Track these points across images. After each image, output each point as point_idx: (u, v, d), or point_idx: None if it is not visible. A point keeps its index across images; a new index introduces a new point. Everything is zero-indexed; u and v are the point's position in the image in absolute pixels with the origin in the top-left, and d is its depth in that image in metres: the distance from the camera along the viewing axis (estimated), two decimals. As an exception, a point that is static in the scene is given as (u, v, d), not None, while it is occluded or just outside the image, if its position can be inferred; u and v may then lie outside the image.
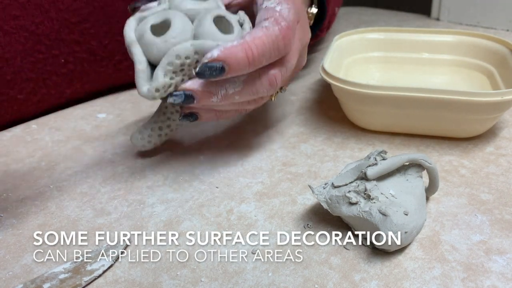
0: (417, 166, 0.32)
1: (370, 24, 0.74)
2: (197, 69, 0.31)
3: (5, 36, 0.44)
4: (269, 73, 0.34)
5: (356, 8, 0.84)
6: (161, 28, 0.33)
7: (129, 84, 0.54)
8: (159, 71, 0.32)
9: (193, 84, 0.33)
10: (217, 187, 0.37)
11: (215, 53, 0.31)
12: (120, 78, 0.54)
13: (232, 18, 0.35)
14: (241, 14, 0.36)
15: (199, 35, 0.33)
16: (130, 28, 0.34)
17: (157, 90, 0.32)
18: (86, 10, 0.48)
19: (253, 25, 0.36)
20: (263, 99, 0.37)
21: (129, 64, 0.52)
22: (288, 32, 0.33)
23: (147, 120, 0.40)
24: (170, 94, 0.33)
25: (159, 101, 0.40)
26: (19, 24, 0.44)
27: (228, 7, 0.38)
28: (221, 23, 0.34)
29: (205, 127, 0.46)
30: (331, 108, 0.48)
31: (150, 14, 0.34)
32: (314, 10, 0.48)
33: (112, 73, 0.52)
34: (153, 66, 0.33)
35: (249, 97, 0.35)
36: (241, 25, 0.35)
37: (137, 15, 0.35)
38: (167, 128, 0.40)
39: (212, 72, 0.31)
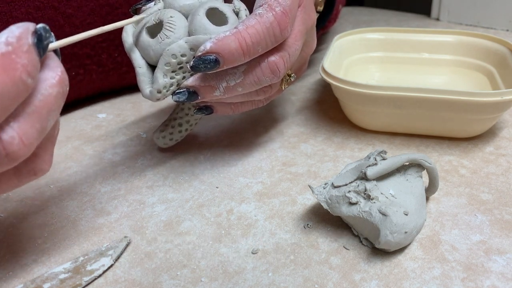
0: (417, 166, 0.32)
1: (370, 24, 0.74)
2: (191, 63, 0.31)
3: None
4: (269, 60, 0.33)
5: (356, 8, 0.84)
6: (158, 29, 0.33)
7: (130, 86, 0.54)
8: (158, 73, 0.32)
9: (194, 81, 0.33)
10: (217, 187, 0.37)
11: (207, 46, 0.30)
12: (123, 83, 0.54)
13: (226, 8, 0.34)
14: (236, 2, 0.35)
15: (193, 31, 0.33)
16: (128, 33, 0.34)
17: (159, 91, 0.33)
18: (100, 24, 0.47)
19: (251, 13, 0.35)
20: (273, 88, 0.36)
21: (134, 74, 0.52)
22: (284, 17, 0.32)
23: (167, 118, 0.41)
24: (174, 93, 0.33)
25: (159, 102, 0.40)
26: None
27: None
28: (215, 15, 0.34)
29: (205, 127, 0.46)
30: (331, 108, 0.48)
31: (146, 16, 0.34)
32: None
33: (116, 81, 0.53)
34: (153, 67, 0.34)
35: (252, 87, 0.34)
36: (237, 14, 0.35)
37: (134, 18, 0.35)
38: (187, 123, 0.41)
39: (207, 65, 0.31)
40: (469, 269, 0.28)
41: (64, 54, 0.46)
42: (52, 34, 0.25)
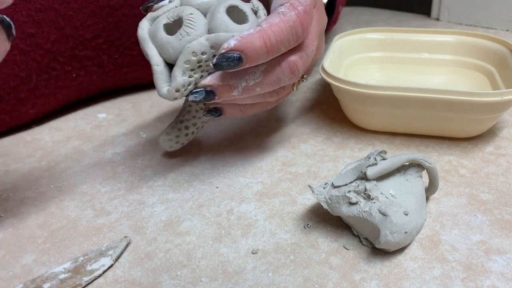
0: (417, 166, 0.32)
1: (370, 24, 0.74)
2: (214, 60, 0.30)
3: (21, 55, 0.43)
4: (289, 60, 0.33)
5: (356, 8, 0.84)
6: (174, 26, 0.32)
7: (130, 87, 0.54)
8: (176, 71, 0.31)
9: (212, 79, 0.32)
10: (217, 187, 0.37)
11: (231, 43, 0.30)
12: (124, 84, 0.54)
13: (246, 7, 0.34)
14: (254, 1, 0.35)
15: (213, 29, 0.32)
16: (144, 30, 0.33)
17: (177, 90, 0.32)
18: (101, 25, 0.48)
19: (268, 12, 0.35)
20: (285, 89, 0.36)
21: (135, 74, 0.52)
22: (305, 16, 0.32)
23: (172, 120, 0.40)
24: (191, 92, 0.32)
25: (159, 102, 0.40)
26: (34, 41, 0.44)
27: None
28: (234, 14, 0.33)
29: (205, 127, 0.46)
30: (331, 108, 0.48)
31: (162, 13, 0.33)
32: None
33: (117, 82, 0.53)
34: (170, 65, 0.33)
35: (271, 87, 0.34)
36: (255, 12, 0.35)
37: (150, 15, 0.34)
38: (193, 126, 0.40)
39: (230, 63, 0.30)
40: (469, 269, 0.28)
41: (65, 56, 0.46)
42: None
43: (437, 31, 0.50)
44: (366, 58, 0.51)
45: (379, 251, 0.30)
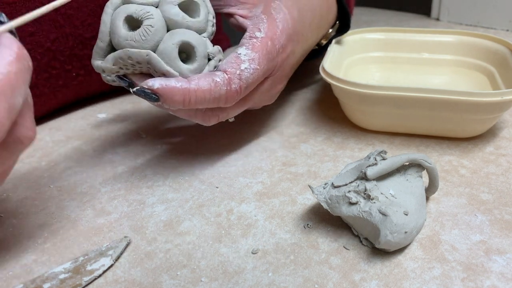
0: (417, 166, 0.32)
1: (370, 24, 0.74)
2: (135, 89, 0.32)
3: None
4: (206, 113, 0.35)
5: (356, 8, 0.84)
6: (134, 22, 0.33)
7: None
8: (110, 58, 0.33)
9: (140, 81, 0.33)
10: (217, 187, 0.37)
11: (155, 84, 0.31)
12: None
13: (200, 50, 0.34)
14: (216, 49, 0.35)
15: (160, 50, 0.32)
16: (109, 8, 0.33)
17: (103, 71, 0.34)
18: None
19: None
20: (219, 116, 0.37)
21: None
22: (235, 95, 0.34)
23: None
24: (117, 76, 0.34)
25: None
26: (34, 40, 0.44)
27: (230, 15, 0.38)
28: (190, 47, 0.34)
29: (205, 127, 0.46)
30: (331, 108, 0.48)
31: (136, 3, 0.33)
32: (332, 33, 0.48)
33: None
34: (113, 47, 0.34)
35: (183, 117, 0.36)
36: (210, 59, 0.35)
37: None
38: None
39: (147, 98, 0.32)
40: (469, 269, 0.28)
41: (65, 55, 0.46)
42: (3, 14, 0.25)
43: (437, 31, 0.50)
44: (366, 58, 0.51)
45: (379, 251, 0.30)
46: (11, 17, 0.41)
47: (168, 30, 0.33)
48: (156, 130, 0.46)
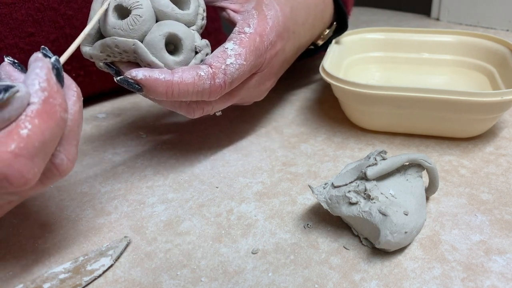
0: (417, 166, 0.32)
1: (370, 24, 0.74)
2: (118, 78, 0.32)
3: (20, 54, 0.43)
4: (190, 105, 0.35)
5: (356, 8, 0.84)
6: (124, 11, 0.33)
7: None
8: (97, 45, 0.33)
9: (126, 70, 0.34)
10: (217, 187, 0.37)
11: (139, 76, 0.32)
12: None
13: (187, 43, 0.34)
14: (203, 43, 0.35)
15: (147, 40, 0.33)
16: None
17: (90, 57, 0.34)
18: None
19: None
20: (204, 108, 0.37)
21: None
22: (219, 90, 0.34)
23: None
24: (105, 63, 0.34)
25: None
26: (34, 40, 0.44)
27: (223, 9, 0.38)
28: (174, 40, 0.34)
29: (205, 127, 0.46)
30: (331, 108, 0.48)
31: None
32: (329, 33, 0.48)
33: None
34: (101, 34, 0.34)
35: (168, 108, 0.36)
36: (197, 52, 0.35)
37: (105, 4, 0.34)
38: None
39: (130, 87, 0.32)
40: (469, 269, 0.28)
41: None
42: (46, 48, 0.27)
43: (437, 31, 0.50)
44: (366, 58, 0.51)
45: (379, 251, 0.30)
46: (10, 18, 0.42)
47: (157, 21, 0.33)
48: (156, 130, 0.46)
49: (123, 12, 0.33)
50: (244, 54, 0.34)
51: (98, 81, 0.51)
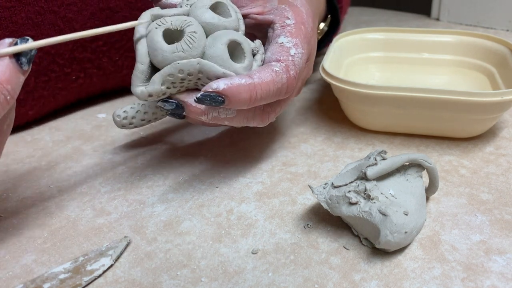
0: (417, 166, 0.32)
1: (370, 24, 0.74)
2: (199, 95, 0.30)
3: None
4: (265, 110, 0.35)
5: (356, 8, 0.84)
6: (174, 33, 0.32)
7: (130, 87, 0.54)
8: (157, 78, 0.31)
9: (188, 97, 0.32)
10: (217, 187, 0.37)
11: (220, 86, 0.30)
12: (124, 85, 0.54)
13: (247, 47, 0.33)
14: (257, 43, 0.35)
15: (208, 55, 0.31)
16: (143, 24, 0.32)
17: (150, 95, 0.31)
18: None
19: (264, 41, 0.36)
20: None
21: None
22: (294, 82, 0.33)
23: (137, 102, 0.40)
24: (162, 100, 0.32)
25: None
26: None
27: (245, 17, 0.38)
28: (234, 46, 0.33)
29: (205, 127, 0.46)
30: (331, 108, 0.48)
31: (168, 15, 0.32)
32: (325, 28, 0.49)
33: (117, 83, 0.53)
34: (154, 67, 0.32)
35: (239, 124, 0.34)
36: (254, 54, 0.34)
37: (155, 10, 0.33)
38: (152, 115, 0.40)
39: (212, 102, 0.30)
40: (469, 269, 0.28)
41: (65, 58, 0.46)
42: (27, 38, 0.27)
43: (437, 31, 0.50)
44: (366, 58, 0.51)
45: (379, 251, 0.30)
46: (10, 21, 0.42)
47: (206, 35, 0.32)
48: (156, 130, 0.46)
49: (171, 36, 0.32)
50: (300, 43, 0.34)
51: (99, 83, 0.51)
